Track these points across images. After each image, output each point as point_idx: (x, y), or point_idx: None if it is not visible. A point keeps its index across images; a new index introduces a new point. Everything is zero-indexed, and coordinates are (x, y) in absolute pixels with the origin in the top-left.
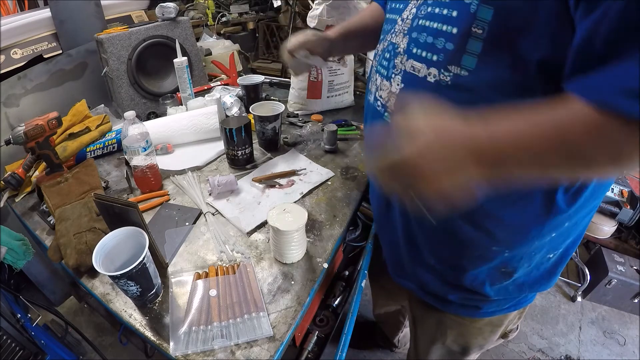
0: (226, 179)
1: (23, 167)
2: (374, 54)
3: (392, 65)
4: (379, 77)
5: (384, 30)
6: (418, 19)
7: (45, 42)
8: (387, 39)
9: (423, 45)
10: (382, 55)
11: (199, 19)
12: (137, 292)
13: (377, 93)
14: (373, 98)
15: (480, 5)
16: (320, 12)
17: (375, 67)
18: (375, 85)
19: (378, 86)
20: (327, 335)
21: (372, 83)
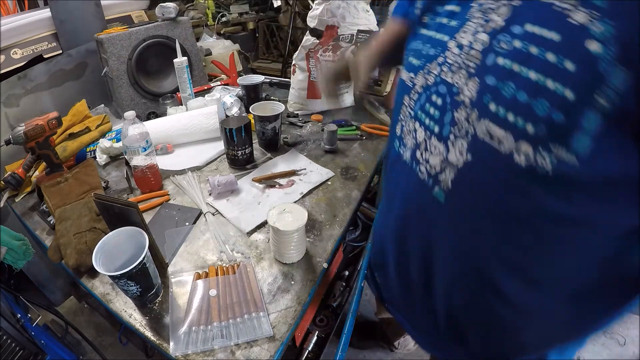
0: (226, 179)
1: (23, 167)
2: (402, 86)
3: (449, 119)
4: (422, 130)
5: (419, 53)
6: (497, 55)
7: (45, 42)
8: (431, 71)
9: (510, 103)
10: (426, 97)
11: (199, 19)
12: (137, 292)
13: (420, 154)
14: (410, 156)
15: (613, 66)
16: (320, 12)
17: (410, 109)
18: (413, 139)
19: (420, 143)
20: (327, 335)
21: (406, 132)
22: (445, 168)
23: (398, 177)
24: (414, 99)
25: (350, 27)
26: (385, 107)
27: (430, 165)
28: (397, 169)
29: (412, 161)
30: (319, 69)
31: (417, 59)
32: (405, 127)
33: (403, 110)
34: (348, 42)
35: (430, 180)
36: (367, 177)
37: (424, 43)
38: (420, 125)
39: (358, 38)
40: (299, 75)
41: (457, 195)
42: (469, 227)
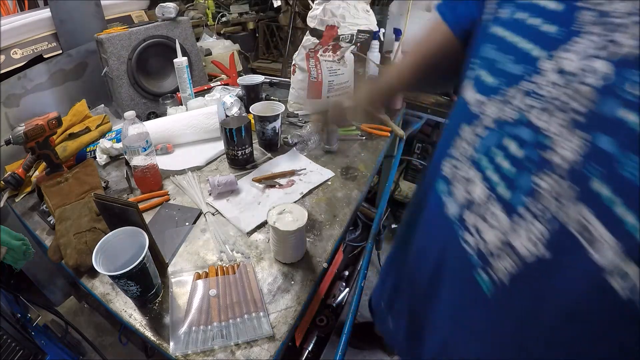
0: (226, 179)
1: (23, 167)
2: (462, 108)
3: (526, 185)
4: (482, 186)
5: (495, 66)
6: (622, 103)
7: (45, 42)
8: (511, 101)
9: (630, 191)
10: (498, 139)
11: (199, 19)
12: (137, 292)
13: (471, 217)
14: (456, 213)
15: None
16: (320, 12)
17: (469, 148)
18: (466, 192)
19: (474, 203)
20: (327, 335)
21: (458, 177)
22: (503, 254)
23: (434, 231)
24: (480, 135)
25: (350, 27)
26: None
27: (483, 240)
28: (435, 220)
29: (458, 222)
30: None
31: (492, 75)
32: (459, 171)
33: (458, 145)
34: (348, 42)
35: (478, 259)
36: (367, 177)
37: (501, 51)
38: (481, 178)
39: (358, 38)
40: (299, 75)
41: (514, 294)
42: (518, 330)
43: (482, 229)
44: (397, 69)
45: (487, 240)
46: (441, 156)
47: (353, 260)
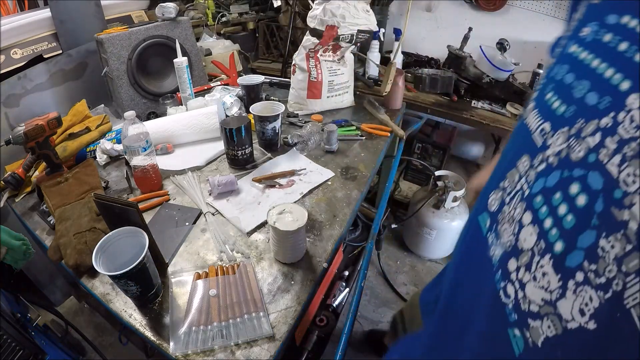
0: (226, 179)
1: (23, 167)
2: (522, 134)
3: (587, 243)
4: (533, 232)
5: (568, 92)
6: None
7: (45, 42)
8: (584, 136)
9: None
10: (561, 181)
11: (199, 19)
12: (137, 292)
13: (514, 267)
14: (497, 258)
15: None
16: (320, 12)
17: (524, 183)
18: (512, 234)
19: (520, 250)
20: (327, 335)
21: (505, 215)
22: (545, 316)
23: (473, 270)
24: (539, 170)
25: (350, 27)
26: (385, 107)
27: (524, 295)
28: (474, 257)
29: (500, 269)
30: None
31: (564, 102)
32: (508, 206)
33: (512, 176)
34: (348, 42)
35: (514, 314)
36: (367, 177)
37: (577, 75)
38: (532, 221)
39: (358, 38)
40: (299, 75)
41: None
42: None
43: (525, 282)
44: None
45: (529, 297)
46: (489, 186)
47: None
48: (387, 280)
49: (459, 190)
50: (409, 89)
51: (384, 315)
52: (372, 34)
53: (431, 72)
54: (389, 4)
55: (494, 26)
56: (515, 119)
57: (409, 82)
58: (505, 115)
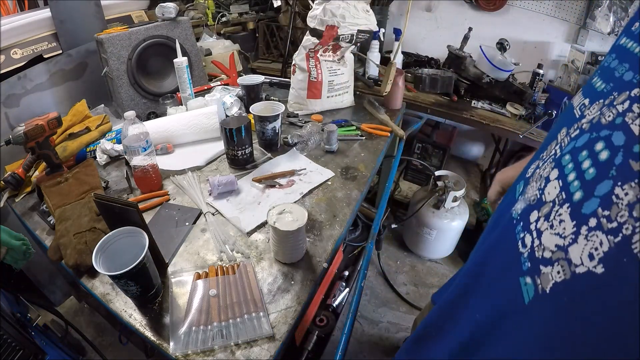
0: (226, 179)
1: (23, 167)
2: (567, 114)
3: (604, 191)
4: (557, 185)
5: (611, 73)
6: None
7: (45, 42)
8: (615, 104)
9: None
10: (589, 140)
11: (199, 19)
12: (137, 292)
13: (535, 217)
14: (520, 212)
15: None
16: (320, 12)
17: (558, 149)
18: (537, 190)
19: (543, 202)
20: (327, 335)
21: (535, 177)
22: (556, 261)
23: (498, 228)
24: (572, 135)
25: (350, 27)
26: (385, 107)
27: (540, 243)
28: (501, 217)
29: (520, 220)
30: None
31: (604, 80)
32: (539, 170)
33: (550, 148)
34: (348, 42)
35: (527, 262)
36: (367, 177)
37: (621, 60)
38: (558, 176)
39: (358, 38)
40: (299, 75)
41: (552, 308)
42: (548, 346)
43: (542, 230)
44: None
45: (544, 243)
46: (532, 160)
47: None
48: (387, 280)
49: (459, 190)
50: (409, 89)
51: (384, 315)
52: (372, 34)
53: (431, 72)
54: (389, 4)
55: (494, 26)
56: (515, 119)
57: (409, 82)
58: (505, 115)
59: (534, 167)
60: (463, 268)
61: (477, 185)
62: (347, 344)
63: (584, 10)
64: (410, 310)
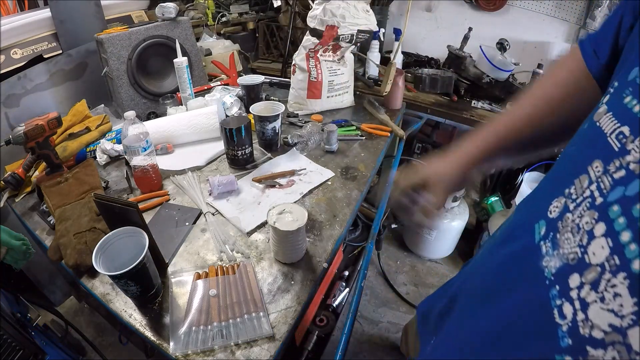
0: (226, 179)
1: (23, 167)
2: (593, 136)
3: None
4: (605, 244)
5: (628, 111)
6: None
7: (45, 42)
8: None
9: None
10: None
11: (199, 19)
12: (137, 292)
13: (577, 282)
14: (555, 271)
15: None
16: (320, 12)
17: (596, 190)
18: (578, 246)
19: (588, 265)
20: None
21: (568, 222)
22: (610, 345)
23: (516, 282)
24: (616, 176)
25: (350, 27)
26: (385, 107)
27: (586, 318)
28: (520, 267)
29: (555, 284)
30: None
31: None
32: (572, 214)
33: (581, 183)
34: (348, 42)
35: (567, 338)
36: (367, 177)
37: None
38: (606, 233)
39: (358, 38)
40: (299, 75)
41: None
42: None
43: (590, 303)
44: (509, 116)
45: (592, 320)
46: (551, 192)
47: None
48: (387, 280)
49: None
50: (409, 89)
51: (384, 315)
52: (372, 34)
53: (431, 72)
54: (389, 4)
55: (494, 26)
56: None
57: (409, 82)
58: None
59: (560, 206)
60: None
61: (477, 185)
62: (347, 344)
63: (584, 10)
64: (410, 310)
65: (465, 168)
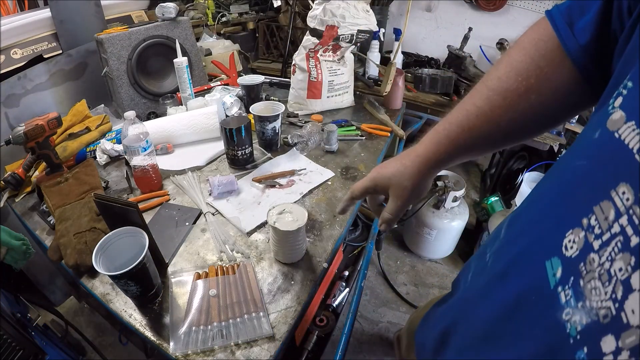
0: (226, 179)
1: (23, 167)
2: (609, 150)
3: None
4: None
5: None
6: None
7: (45, 42)
8: None
9: None
10: None
11: (199, 19)
12: (137, 292)
13: (612, 352)
14: (586, 338)
15: None
16: (320, 12)
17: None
18: (611, 303)
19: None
20: (327, 335)
21: (593, 268)
22: None
23: (531, 332)
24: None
25: (350, 27)
26: (385, 107)
27: None
28: (533, 314)
29: (582, 345)
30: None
31: None
32: (598, 255)
33: (603, 212)
34: (348, 42)
35: None
36: None
37: None
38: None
39: (358, 38)
40: (299, 75)
41: None
42: None
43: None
44: (460, 113)
45: None
46: (562, 220)
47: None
48: (387, 280)
49: (459, 190)
50: (409, 89)
51: (384, 315)
52: (372, 34)
53: (431, 72)
54: (389, 4)
55: (494, 26)
56: None
57: (409, 82)
58: None
59: (577, 241)
60: None
61: (477, 185)
62: (347, 344)
63: None
64: (410, 310)
65: (424, 175)
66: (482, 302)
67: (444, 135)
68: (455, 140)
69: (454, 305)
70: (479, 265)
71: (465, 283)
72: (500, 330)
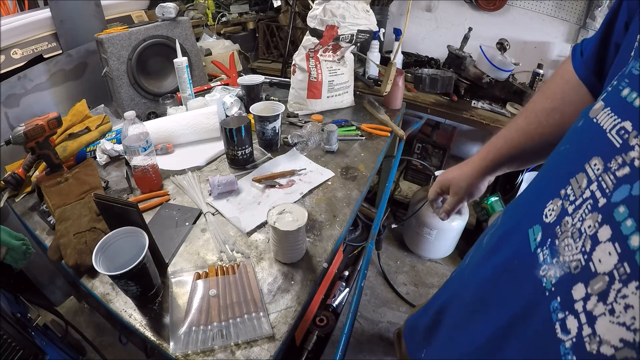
0: (226, 179)
1: (23, 167)
2: (589, 133)
3: None
4: (614, 252)
5: (627, 105)
6: None
7: (45, 42)
8: None
9: None
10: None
11: (199, 19)
12: (137, 292)
13: (580, 293)
14: (555, 280)
15: None
16: (320, 12)
17: (598, 191)
18: (580, 253)
19: (593, 273)
20: (327, 335)
21: (567, 228)
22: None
23: (511, 292)
24: (620, 174)
25: (350, 27)
26: (385, 107)
27: (593, 332)
28: (515, 276)
29: (556, 295)
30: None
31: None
32: (572, 217)
33: (578, 182)
34: (348, 42)
35: (571, 356)
36: (367, 177)
37: None
38: (611, 237)
39: (358, 38)
40: (299, 75)
41: None
42: None
43: (597, 316)
44: (507, 130)
45: (601, 335)
46: (544, 193)
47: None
48: (387, 280)
49: None
50: (409, 89)
51: (384, 315)
52: (372, 34)
53: (431, 72)
54: (389, 4)
55: (494, 26)
56: None
57: (409, 82)
58: (505, 115)
59: (555, 209)
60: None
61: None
62: (347, 344)
63: (584, 10)
64: (410, 310)
65: (477, 179)
66: (474, 274)
67: (492, 146)
68: (500, 151)
69: (448, 285)
70: (476, 249)
71: (462, 266)
72: (488, 297)
